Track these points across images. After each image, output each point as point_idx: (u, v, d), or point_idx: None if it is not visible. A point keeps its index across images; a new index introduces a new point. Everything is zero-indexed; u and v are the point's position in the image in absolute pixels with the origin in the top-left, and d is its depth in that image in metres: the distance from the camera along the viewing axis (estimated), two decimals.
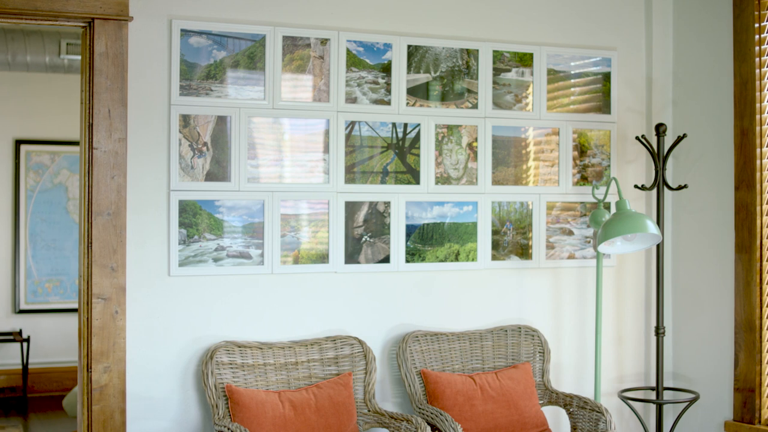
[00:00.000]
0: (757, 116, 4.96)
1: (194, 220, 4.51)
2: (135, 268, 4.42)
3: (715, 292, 5.26)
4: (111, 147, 4.33)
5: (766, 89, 4.97)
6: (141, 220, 4.43)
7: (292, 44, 4.72)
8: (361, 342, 4.71)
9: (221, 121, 4.57)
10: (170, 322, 4.48)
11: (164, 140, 4.47)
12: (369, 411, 4.59)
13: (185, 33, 4.49)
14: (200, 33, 4.53)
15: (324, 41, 4.77)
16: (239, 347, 4.47)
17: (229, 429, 4.12)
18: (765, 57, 4.97)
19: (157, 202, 4.46)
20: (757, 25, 4.96)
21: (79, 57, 5.77)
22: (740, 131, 5.05)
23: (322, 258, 4.79)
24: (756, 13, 4.97)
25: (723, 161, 5.19)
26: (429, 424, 4.41)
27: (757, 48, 4.97)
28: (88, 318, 4.33)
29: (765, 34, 4.96)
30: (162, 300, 4.47)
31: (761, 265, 4.97)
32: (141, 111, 4.43)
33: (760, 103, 4.97)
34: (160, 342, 4.46)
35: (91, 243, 4.31)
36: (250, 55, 4.63)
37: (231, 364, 4.42)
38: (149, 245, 4.45)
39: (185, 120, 4.49)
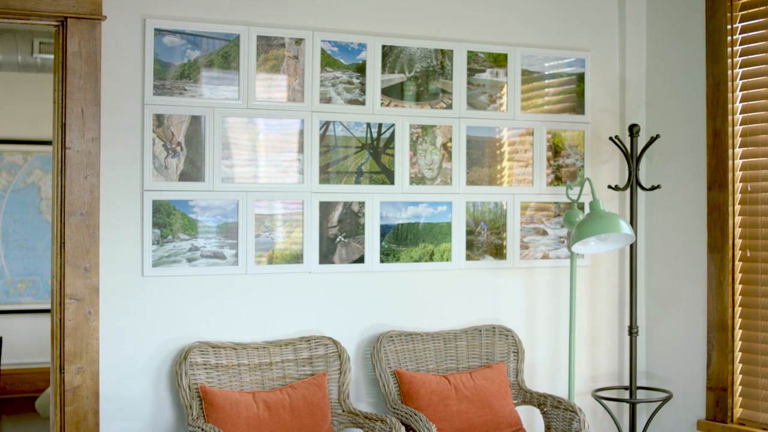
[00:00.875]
0: (730, 117, 4.99)
1: (168, 220, 4.50)
2: (108, 269, 4.40)
3: (687, 291, 5.29)
4: (84, 147, 4.31)
5: (738, 90, 5.00)
6: (114, 220, 4.41)
7: (266, 44, 4.71)
8: (335, 342, 4.71)
9: (195, 120, 4.55)
10: (144, 322, 4.46)
11: (138, 140, 4.45)
12: (343, 411, 4.59)
13: (159, 32, 4.48)
14: (174, 32, 4.51)
15: (298, 41, 4.77)
16: (213, 348, 4.46)
17: (202, 430, 4.11)
18: (737, 58, 5.00)
19: (130, 202, 4.44)
20: (729, 26, 5.00)
21: (52, 56, 5.73)
22: (713, 132, 5.08)
23: (297, 258, 4.78)
24: (728, 14, 5.00)
25: (696, 162, 5.22)
26: (403, 424, 4.42)
27: (729, 49, 5.00)
28: (60, 319, 4.31)
29: (737, 36, 4.99)
30: (135, 300, 4.45)
31: (733, 265, 5.00)
32: (114, 110, 4.41)
33: (733, 104, 5.00)
34: (133, 343, 4.44)
35: (64, 243, 4.29)
36: (225, 55, 4.62)
37: (205, 364, 4.40)
38: (123, 245, 4.43)
39: (159, 120, 4.48)
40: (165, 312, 4.51)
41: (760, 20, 4.86)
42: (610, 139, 5.25)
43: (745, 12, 4.95)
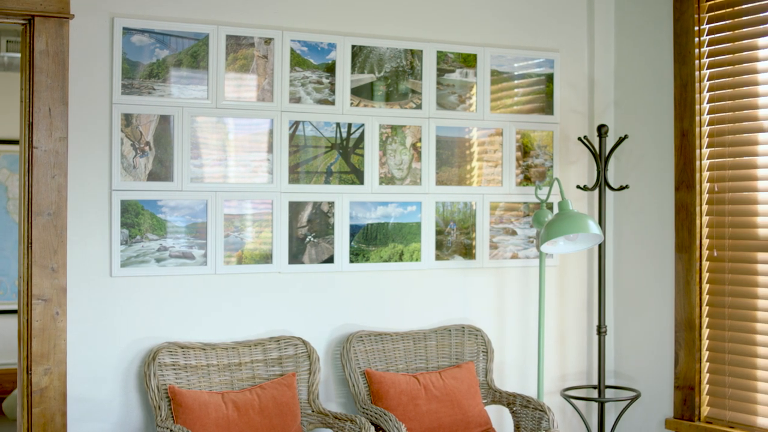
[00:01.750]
0: (697, 118, 5.03)
1: (136, 220, 4.47)
2: (76, 269, 4.37)
3: (655, 291, 5.32)
4: (51, 146, 4.28)
5: (705, 91, 5.04)
6: (82, 220, 4.38)
7: (235, 43, 4.69)
8: (304, 342, 4.70)
9: (164, 120, 4.53)
10: (112, 323, 4.44)
11: (106, 139, 4.42)
12: (313, 411, 4.58)
13: (127, 31, 4.45)
14: (142, 31, 4.49)
15: (268, 41, 4.76)
16: (182, 348, 4.44)
17: (171, 430, 4.09)
18: (704, 59, 5.03)
19: (98, 202, 4.42)
20: (696, 28, 5.03)
21: (19, 55, 5.69)
22: (680, 132, 5.11)
23: (266, 258, 4.77)
24: (696, 16, 5.04)
25: (663, 162, 5.25)
26: (373, 424, 4.42)
27: (696, 50, 5.03)
28: (27, 319, 4.28)
29: (705, 37, 5.03)
30: (104, 301, 4.43)
31: (700, 265, 5.03)
32: (82, 110, 4.38)
33: (700, 104, 5.03)
34: (101, 343, 4.42)
35: (31, 243, 4.26)
36: (194, 54, 4.60)
37: (174, 365, 4.39)
38: (91, 246, 4.40)
39: (127, 119, 4.45)
40: (133, 312, 4.49)
41: (727, 22, 4.90)
42: (579, 139, 5.28)
43: (713, 14, 4.98)
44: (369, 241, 5.01)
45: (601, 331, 5.22)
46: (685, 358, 5.07)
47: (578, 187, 5.37)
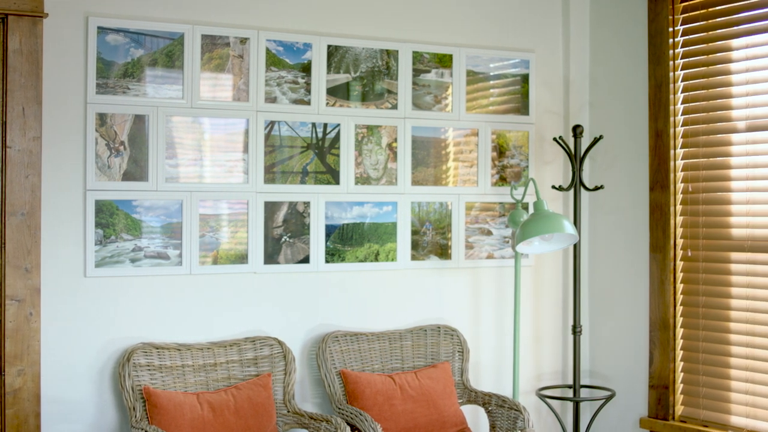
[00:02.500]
0: (671, 118, 5.05)
1: (111, 220, 4.45)
2: (50, 269, 4.35)
3: (630, 291, 5.34)
4: (25, 146, 4.25)
5: (679, 92, 5.06)
6: (56, 220, 4.36)
7: (211, 43, 4.68)
8: (280, 342, 4.69)
9: (139, 120, 4.51)
10: (87, 323, 4.42)
11: (80, 139, 4.40)
12: (289, 412, 4.58)
13: (102, 30, 4.43)
14: (117, 31, 4.47)
15: (243, 40, 4.75)
16: (157, 349, 4.43)
17: (146, 431, 4.08)
18: (678, 60, 5.06)
19: (72, 202, 4.39)
20: (671, 29, 5.05)
21: None
22: (655, 133, 5.13)
23: (242, 258, 4.76)
24: (670, 17, 5.06)
25: (638, 162, 5.27)
26: (349, 424, 4.41)
27: (671, 51, 5.06)
28: (1, 320, 4.25)
29: (679, 38, 5.05)
30: (78, 301, 4.40)
31: (675, 265, 5.06)
32: (56, 109, 4.36)
33: (674, 105, 5.06)
34: (76, 344, 4.39)
35: (5, 244, 4.23)
36: (169, 54, 4.59)
37: (149, 365, 4.37)
38: (65, 246, 4.38)
39: (102, 119, 4.43)
40: (108, 313, 4.47)
41: (701, 23, 4.93)
42: (554, 139, 5.29)
43: (687, 15, 5.01)
44: (345, 241, 5.01)
45: (576, 330, 5.23)
46: (660, 358, 5.10)
47: (553, 187, 5.38)
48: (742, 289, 4.76)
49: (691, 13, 4.98)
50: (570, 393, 5.43)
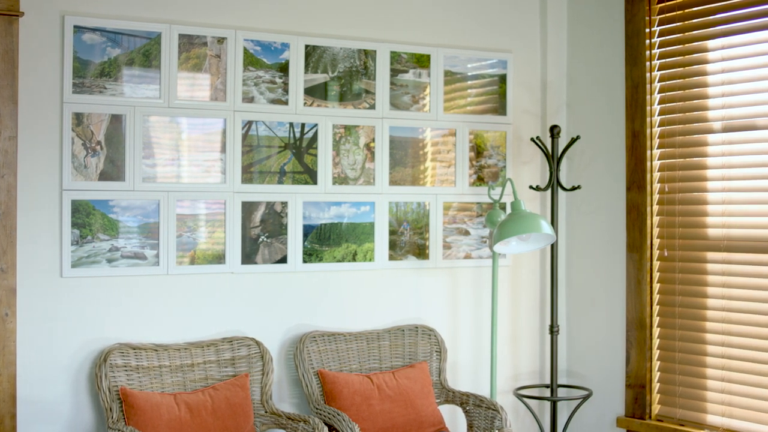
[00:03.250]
0: (648, 119, 5.07)
1: (87, 220, 4.43)
2: (26, 270, 4.32)
3: (607, 290, 5.36)
4: (0, 145, 4.23)
5: (656, 92, 5.09)
6: (32, 220, 4.34)
7: (188, 42, 4.67)
8: (257, 343, 4.69)
9: (116, 119, 4.49)
10: (63, 324, 4.39)
11: (56, 139, 4.38)
12: (266, 412, 4.57)
13: (78, 29, 4.41)
14: (94, 30, 4.45)
15: (221, 40, 4.74)
16: (134, 349, 4.41)
17: None
18: (655, 61, 5.08)
19: (49, 202, 4.37)
20: (648, 30, 5.08)
21: None
22: (631, 133, 5.15)
23: (219, 258, 4.75)
24: (647, 18, 5.08)
25: (615, 163, 5.29)
26: (326, 424, 4.41)
27: (647, 52, 5.08)
28: None
29: (655, 39, 5.08)
30: (54, 302, 4.38)
31: (651, 264, 5.08)
32: (32, 109, 4.33)
33: (651, 106, 5.08)
34: (52, 345, 4.37)
35: None
36: (146, 53, 4.57)
37: (125, 366, 4.35)
38: (41, 246, 4.36)
39: (78, 118, 4.41)
40: (85, 313, 4.45)
41: (678, 24, 4.95)
42: (532, 140, 5.30)
43: (663, 16, 5.03)
44: (322, 241, 5.00)
45: (553, 330, 5.25)
46: (636, 357, 5.12)
47: (531, 187, 5.40)
48: (718, 289, 4.78)
49: (667, 14, 5.01)
50: (547, 392, 5.44)
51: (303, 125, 4.94)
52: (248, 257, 4.81)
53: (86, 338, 4.44)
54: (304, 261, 4.95)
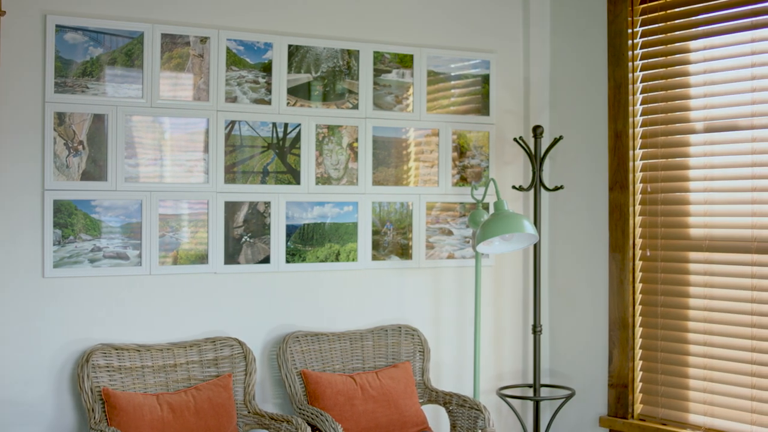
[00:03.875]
0: (630, 119, 5.09)
1: (69, 220, 4.41)
2: (7, 270, 4.30)
3: (590, 290, 5.37)
4: None
5: (638, 93, 5.10)
6: (14, 220, 4.32)
7: (171, 42, 4.65)
8: (240, 343, 4.68)
9: (98, 119, 4.48)
10: (45, 324, 4.37)
11: (38, 138, 4.36)
12: (249, 412, 4.56)
13: (60, 29, 4.39)
14: (76, 29, 4.43)
15: (204, 39, 4.72)
16: (116, 350, 4.39)
17: None
18: (638, 62, 5.10)
19: (30, 201, 4.35)
20: (630, 30, 5.09)
21: None
22: (614, 134, 5.17)
23: (202, 258, 4.73)
24: (629, 18, 5.09)
25: (598, 163, 5.30)
26: (309, 424, 4.40)
27: (630, 53, 5.09)
28: None
29: (638, 40, 5.09)
30: (36, 302, 4.36)
31: (634, 264, 5.10)
32: (14, 108, 4.31)
33: (633, 106, 5.09)
34: (33, 345, 4.35)
35: None
36: (128, 53, 4.55)
37: (108, 366, 4.34)
38: (22, 246, 4.34)
39: (60, 118, 4.39)
40: (67, 314, 4.43)
41: (660, 24, 4.97)
42: (515, 140, 5.31)
43: (646, 16, 5.04)
44: (305, 241, 5.00)
45: (536, 330, 5.25)
46: (619, 357, 5.13)
47: (514, 187, 5.40)
48: (700, 289, 4.80)
49: (650, 15, 5.02)
50: (530, 392, 5.45)
51: (286, 125, 4.93)
52: (231, 257, 4.80)
53: (68, 339, 4.42)
54: (287, 261, 4.95)
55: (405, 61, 5.26)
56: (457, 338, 5.45)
